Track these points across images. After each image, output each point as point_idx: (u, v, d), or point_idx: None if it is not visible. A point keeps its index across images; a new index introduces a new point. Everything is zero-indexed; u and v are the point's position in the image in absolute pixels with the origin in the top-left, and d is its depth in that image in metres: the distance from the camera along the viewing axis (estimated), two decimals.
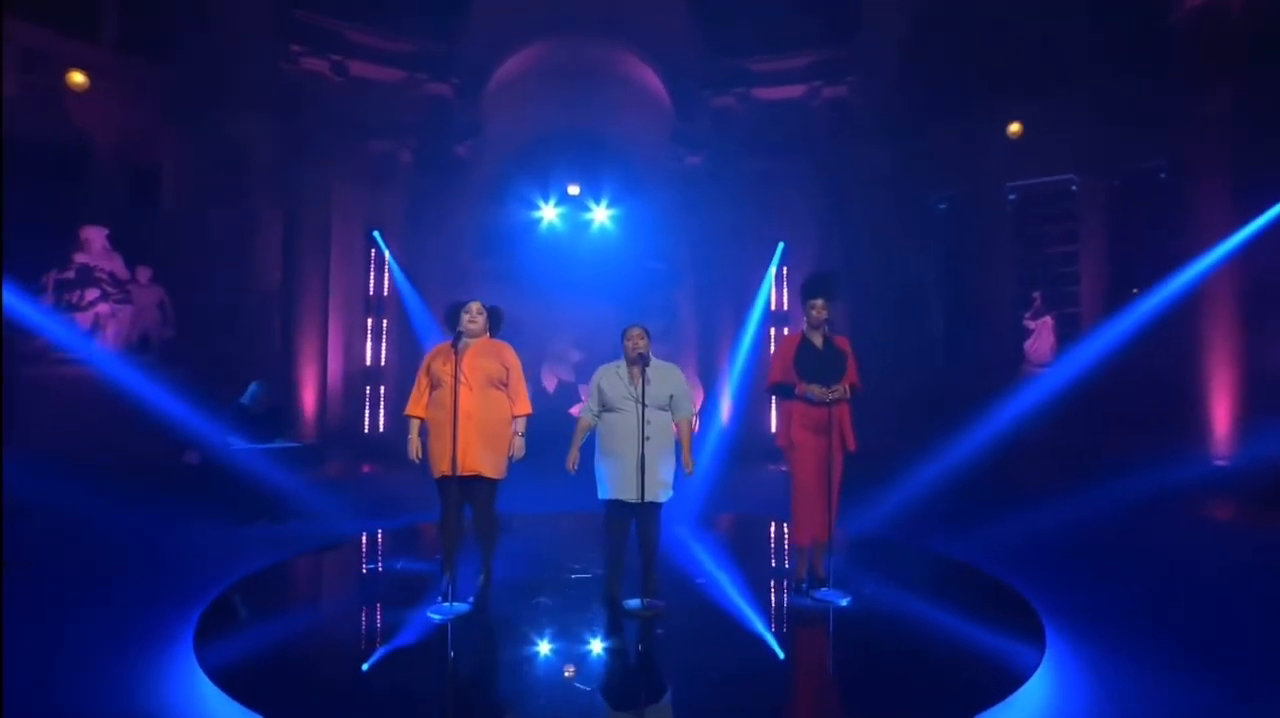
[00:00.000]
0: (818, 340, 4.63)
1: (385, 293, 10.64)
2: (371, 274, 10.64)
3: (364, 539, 6.24)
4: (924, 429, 9.31)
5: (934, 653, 3.85)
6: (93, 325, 8.24)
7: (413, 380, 4.48)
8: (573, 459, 4.30)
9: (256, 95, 9.60)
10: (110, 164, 9.08)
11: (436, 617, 4.21)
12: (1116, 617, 4.61)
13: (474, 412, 4.26)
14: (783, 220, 11.47)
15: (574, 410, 10.30)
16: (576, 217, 12.29)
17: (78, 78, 8.52)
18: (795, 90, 11.45)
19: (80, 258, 8.30)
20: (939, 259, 11.31)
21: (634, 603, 4.32)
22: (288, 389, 9.76)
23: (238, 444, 6.82)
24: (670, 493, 4.38)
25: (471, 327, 4.43)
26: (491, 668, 3.76)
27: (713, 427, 11.26)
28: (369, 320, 10.63)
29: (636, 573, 4.46)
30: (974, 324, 10.75)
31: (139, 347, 8.63)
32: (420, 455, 4.35)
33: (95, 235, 8.39)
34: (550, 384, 11.96)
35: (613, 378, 4.36)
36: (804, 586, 4.75)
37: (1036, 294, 10.14)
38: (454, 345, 4.34)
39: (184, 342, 8.88)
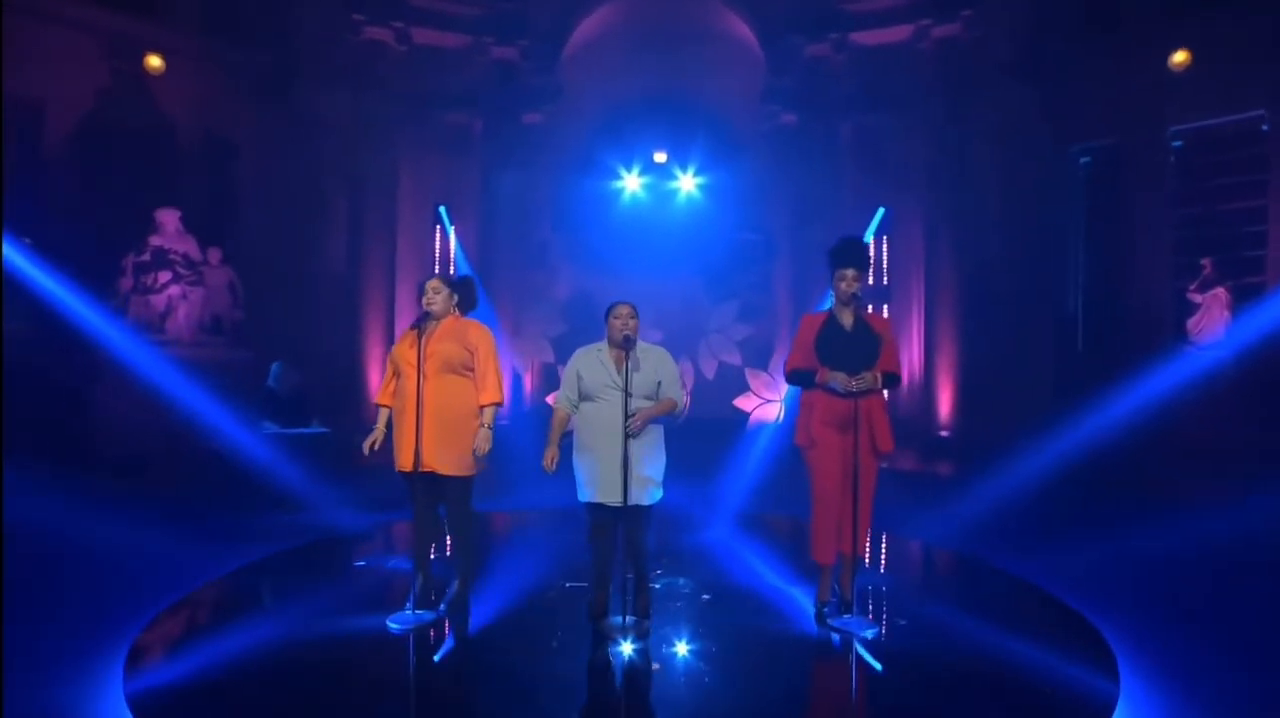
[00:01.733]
0: (846, 319, 4.06)
1: (452, 271, 10.70)
2: (437, 250, 10.73)
3: (379, 534, 6.22)
4: (1052, 423, 8.26)
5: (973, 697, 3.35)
6: (166, 308, 8.75)
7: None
8: (550, 457, 3.92)
9: (323, 68, 9.86)
10: (189, 145, 9.63)
11: (395, 627, 4.06)
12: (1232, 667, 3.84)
13: (429, 401, 4.03)
14: (887, 182, 10.58)
15: (551, 399, 10.09)
16: (661, 186, 11.93)
17: (154, 61, 9.05)
18: (899, 32, 10.49)
19: (155, 240, 8.83)
20: (1079, 223, 10.06)
21: (616, 620, 4.00)
22: (353, 372, 10.04)
23: (269, 429, 6.98)
24: (660, 493, 4.02)
25: (431, 307, 4.13)
26: (440, 697, 3.56)
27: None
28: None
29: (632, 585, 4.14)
30: (1122, 299, 9.48)
31: (211, 328, 9.11)
32: (376, 447, 4.16)
33: (169, 218, 8.90)
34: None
35: (593, 363, 4.00)
36: (825, 611, 4.25)
37: (1206, 261, 8.80)
38: (418, 328, 4.10)
39: (252, 323, 9.29)
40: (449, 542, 4.56)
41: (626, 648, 3.83)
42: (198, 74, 9.57)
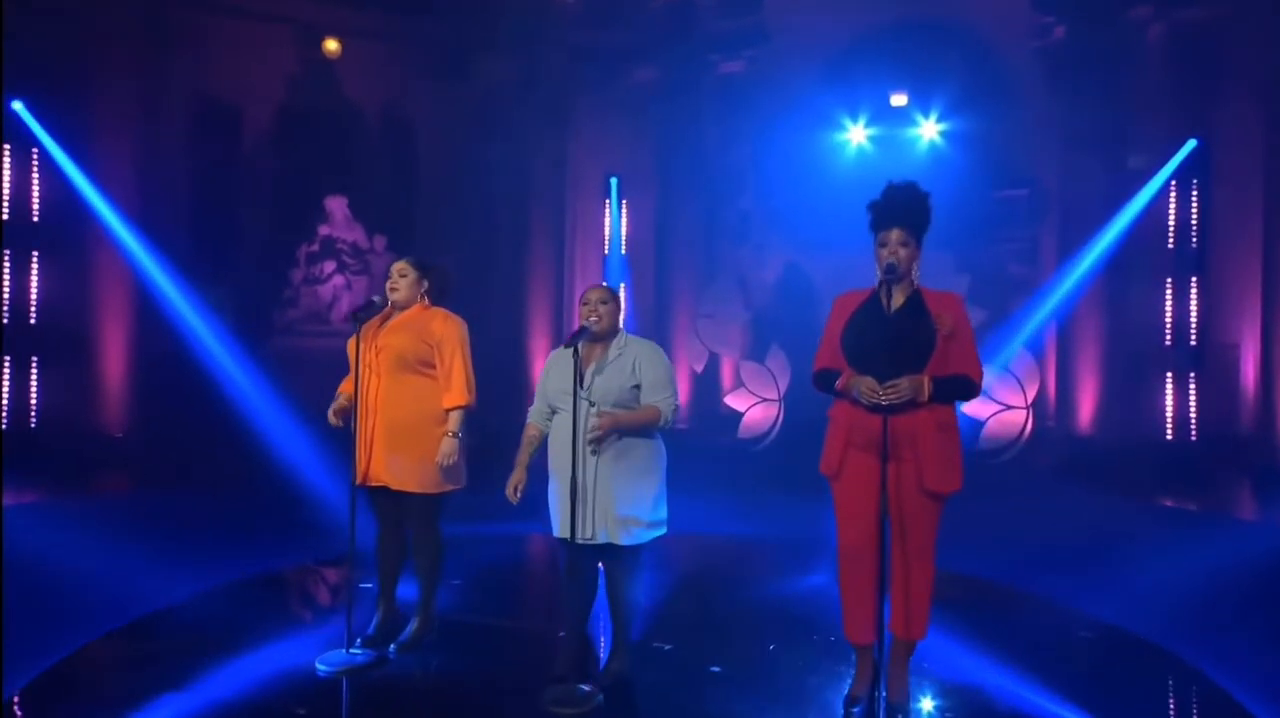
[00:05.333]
0: (893, 300, 3.19)
1: (623, 252, 10.39)
2: (607, 228, 10.46)
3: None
4: None
5: None
6: (331, 299, 9.48)
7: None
8: (514, 482, 3.52)
9: (495, 35, 10.04)
10: (371, 128, 10.37)
11: (323, 670, 3.80)
12: None
13: (381, 405, 3.84)
14: (1201, 105, 8.37)
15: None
16: (897, 136, 10.66)
17: (331, 45, 9.85)
18: None
19: (324, 229, 9.61)
20: None
21: (569, 689, 3.49)
22: (518, 364, 10.14)
23: None
24: (648, 533, 3.52)
25: (394, 293, 3.91)
26: None
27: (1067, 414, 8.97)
28: (605, 282, 10.52)
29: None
30: None
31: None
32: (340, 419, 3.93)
33: (337, 205, 9.65)
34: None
35: (563, 363, 3.54)
36: (855, 713, 3.32)
37: None
38: (360, 318, 3.88)
39: None
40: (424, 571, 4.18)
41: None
42: (379, 54, 10.25)
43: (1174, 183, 8.73)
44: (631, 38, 10.49)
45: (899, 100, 10.66)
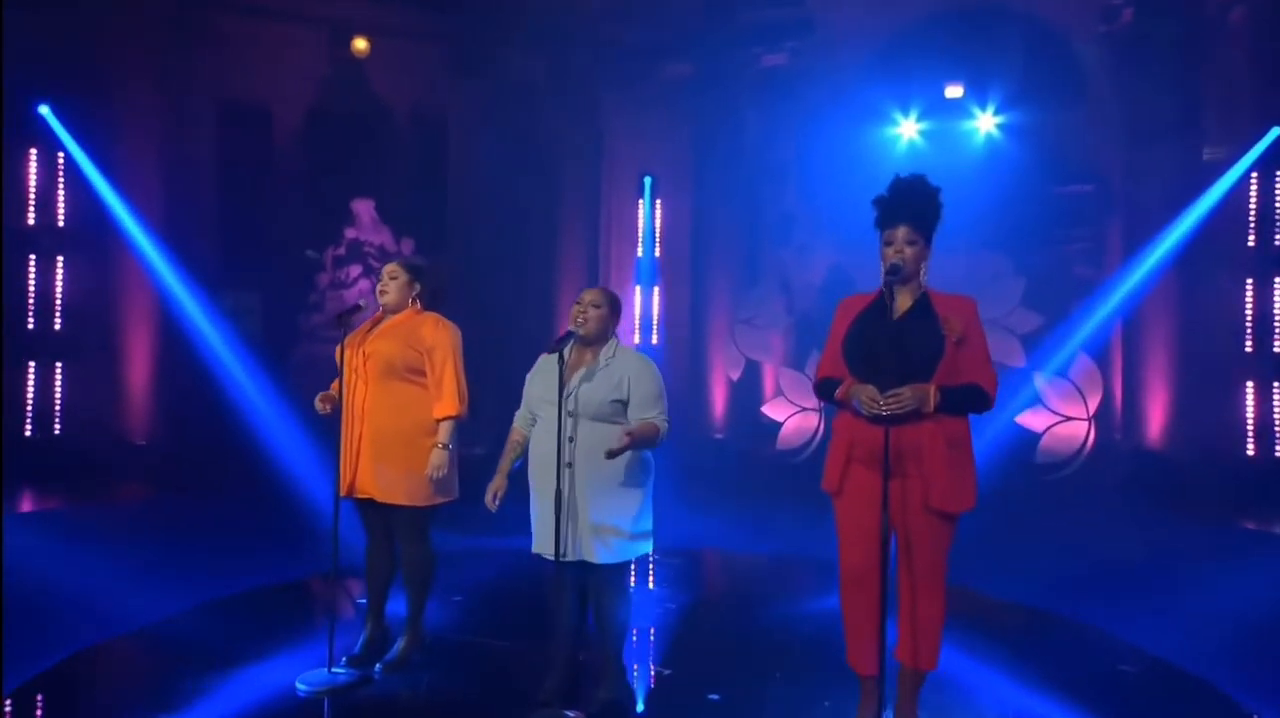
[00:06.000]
0: (900, 303, 3.09)
1: (657, 253, 10.12)
2: (640, 230, 10.22)
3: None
4: None
5: None
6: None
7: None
8: (493, 489, 3.45)
9: (523, 29, 9.90)
10: (400, 128, 10.30)
11: (303, 689, 3.68)
12: None
13: (368, 414, 3.80)
14: None
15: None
16: (951, 130, 10.24)
17: (360, 44, 9.81)
18: None
19: (350, 233, 9.57)
20: None
21: (568, 716, 3.39)
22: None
23: None
24: (632, 548, 3.41)
25: (383, 297, 3.88)
26: None
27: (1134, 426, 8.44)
28: (638, 288, 10.27)
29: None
30: None
31: None
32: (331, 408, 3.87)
33: (364, 208, 9.61)
34: None
35: (547, 368, 3.45)
36: None
37: None
38: (371, 322, 3.92)
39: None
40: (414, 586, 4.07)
41: None
42: (407, 52, 10.18)
43: (1255, 174, 8.17)
44: (665, 31, 10.23)
45: (954, 92, 10.25)
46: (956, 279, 9.70)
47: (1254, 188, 8.20)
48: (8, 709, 3.54)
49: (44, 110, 8.27)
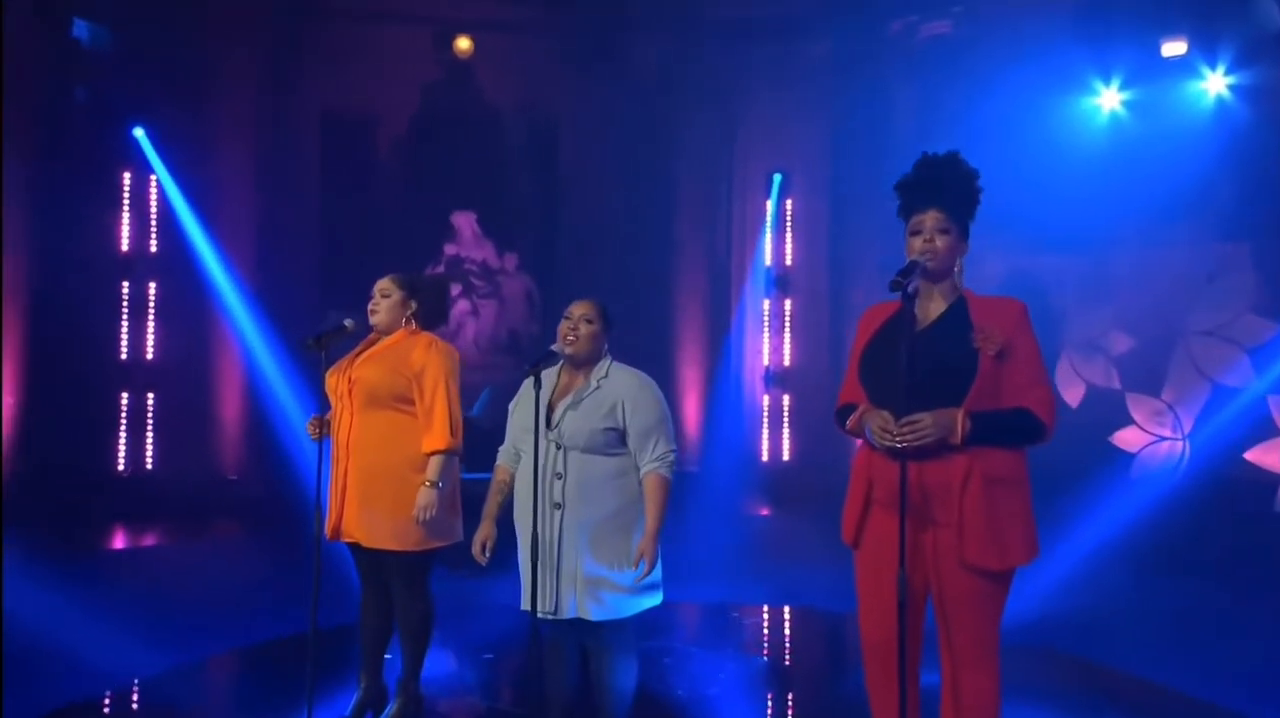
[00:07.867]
0: (929, 309, 2.74)
1: (789, 261, 9.09)
2: (769, 235, 9.26)
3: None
4: None
5: None
6: (456, 325, 8.97)
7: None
8: (479, 538, 3.19)
9: (643, 14, 9.24)
10: (511, 131, 9.81)
11: None
12: None
13: (353, 448, 3.56)
14: None
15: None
16: (1168, 95, 8.82)
17: (463, 44, 9.42)
18: None
19: (450, 248, 9.17)
20: None
21: None
22: (668, 398, 9.17)
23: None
24: (628, 601, 3.09)
25: (374, 317, 3.66)
26: None
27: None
28: (766, 302, 9.30)
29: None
30: None
31: (507, 346, 9.11)
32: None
33: (465, 221, 9.21)
34: (1074, 393, 8.75)
35: (529, 395, 3.17)
36: None
37: None
38: (364, 344, 3.72)
39: (550, 338, 9.03)
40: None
41: None
42: (513, 47, 9.69)
43: None
44: (801, 5, 9.35)
45: (1174, 49, 8.83)
46: (1159, 278, 8.39)
47: None
48: None
49: (139, 134, 8.35)
